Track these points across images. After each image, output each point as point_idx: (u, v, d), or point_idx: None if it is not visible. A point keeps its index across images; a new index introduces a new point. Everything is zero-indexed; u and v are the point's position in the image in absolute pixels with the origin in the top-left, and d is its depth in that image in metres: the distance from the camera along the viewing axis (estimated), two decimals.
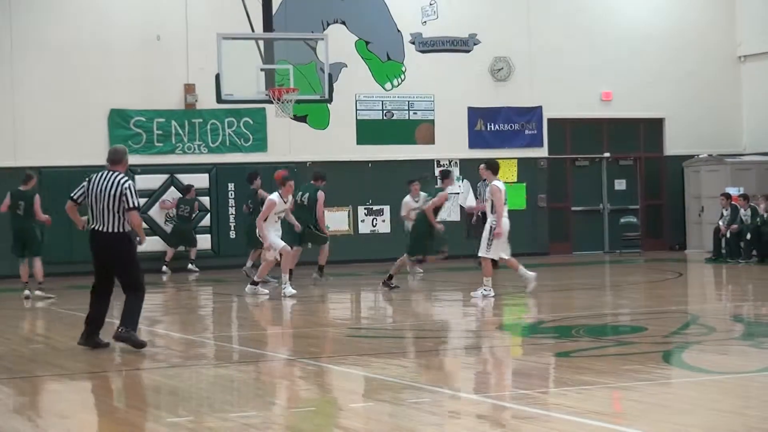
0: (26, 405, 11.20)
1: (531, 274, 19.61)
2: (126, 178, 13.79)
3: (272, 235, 21.43)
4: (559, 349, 13.65)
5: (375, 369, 12.48)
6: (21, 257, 22.63)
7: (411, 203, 24.45)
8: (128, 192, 13.53)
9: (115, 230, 13.76)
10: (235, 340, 16.22)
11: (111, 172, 13.88)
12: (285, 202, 21.44)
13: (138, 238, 14.73)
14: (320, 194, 23.25)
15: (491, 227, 19.22)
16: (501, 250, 19.82)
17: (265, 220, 21.05)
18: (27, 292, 22.20)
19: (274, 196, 21.05)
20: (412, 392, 10.82)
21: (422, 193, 24.47)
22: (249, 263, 25.04)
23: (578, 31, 30.60)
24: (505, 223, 19.71)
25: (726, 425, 9.05)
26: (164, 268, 26.92)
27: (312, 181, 23.55)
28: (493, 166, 20.16)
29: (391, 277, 22.38)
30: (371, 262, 28.29)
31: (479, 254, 20.01)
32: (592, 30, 31.00)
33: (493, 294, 19.34)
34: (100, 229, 13.78)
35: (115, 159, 14.12)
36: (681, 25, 31.79)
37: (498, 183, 20.01)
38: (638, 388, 10.76)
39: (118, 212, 13.67)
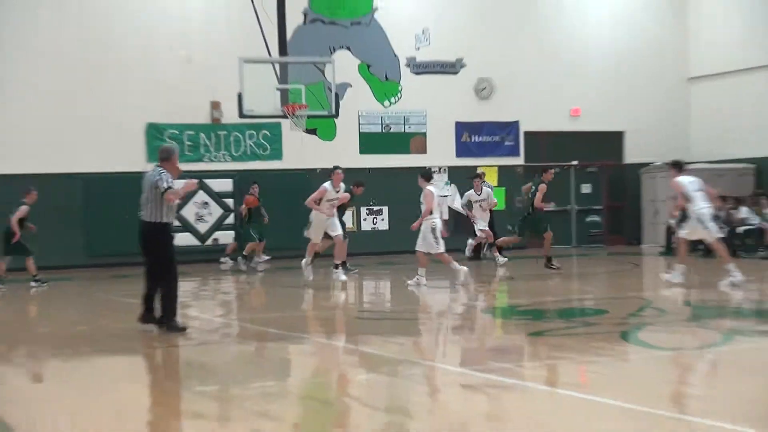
0: (74, 377, 11.42)
1: (462, 268, 19.57)
2: (162, 170, 13.41)
3: (334, 220, 21.15)
4: (533, 329, 13.92)
5: (375, 346, 12.64)
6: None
7: (474, 196, 24.16)
8: (159, 179, 13.13)
9: (152, 219, 13.41)
10: (254, 323, 16.23)
11: (155, 168, 13.70)
12: (336, 192, 21.09)
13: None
14: (346, 195, 22.44)
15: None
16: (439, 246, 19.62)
17: (318, 203, 20.64)
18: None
19: (326, 184, 20.92)
20: (407, 366, 11.04)
21: (486, 188, 24.65)
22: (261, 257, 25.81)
23: (551, 56, 30.68)
24: (437, 222, 19.72)
25: (674, 393, 9.34)
26: (223, 259, 27.24)
27: (351, 187, 23.09)
28: (425, 175, 20.18)
29: (550, 259, 21.87)
30: (372, 254, 28.37)
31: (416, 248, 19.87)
32: (562, 55, 31.08)
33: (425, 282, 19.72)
34: (142, 217, 13.53)
35: (161, 156, 13.97)
36: (639, 51, 31.88)
37: (430, 188, 20.03)
38: (601, 362, 11.03)
39: (154, 201, 13.30)
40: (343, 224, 22.47)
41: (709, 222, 17.53)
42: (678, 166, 18.08)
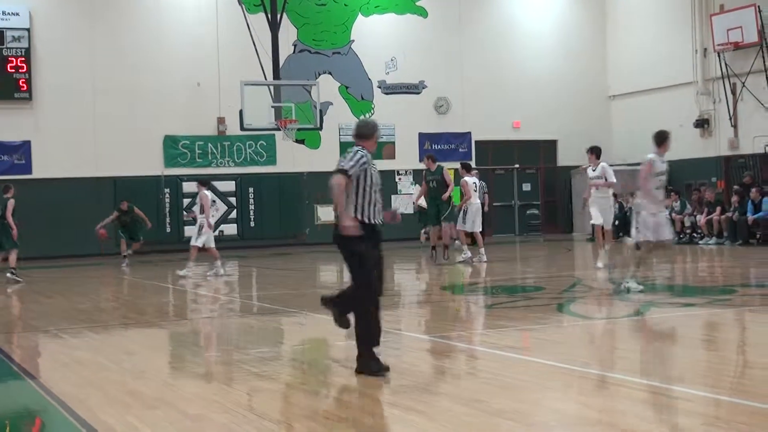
0: (103, 345, 11.38)
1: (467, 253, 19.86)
2: (359, 149, 8.35)
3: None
4: (484, 303, 13.85)
5: (390, 318, 12.58)
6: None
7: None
8: (345, 157, 8.24)
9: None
10: (255, 300, 16.12)
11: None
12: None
13: None
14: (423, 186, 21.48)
15: None
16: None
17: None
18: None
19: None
20: (399, 329, 11.09)
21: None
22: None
23: (497, 79, 30.76)
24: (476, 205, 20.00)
25: (600, 354, 9.31)
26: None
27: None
28: (465, 167, 20.66)
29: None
30: None
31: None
32: (506, 78, 31.16)
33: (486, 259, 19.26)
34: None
35: (359, 133, 8.76)
36: (568, 75, 31.94)
37: (467, 178, 20.35)
38: (540, 330, 11.01)
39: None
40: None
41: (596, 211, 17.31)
42: (597, 152, 17.68)
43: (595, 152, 17.36)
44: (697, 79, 29.43)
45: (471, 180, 20.31)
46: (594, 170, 17.17)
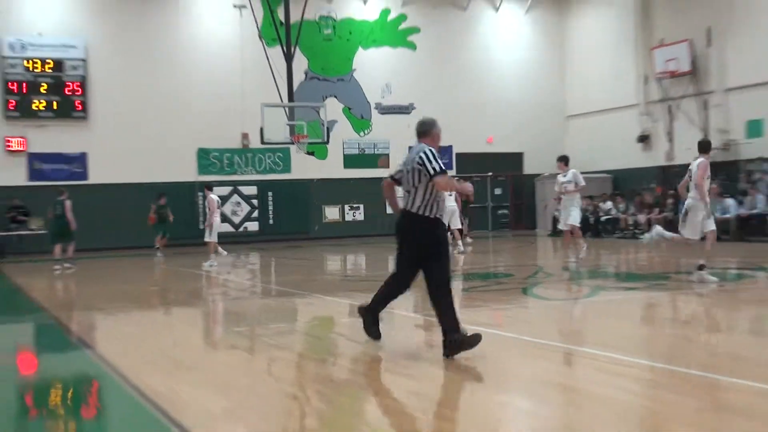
0: (146, 320, 11.44)
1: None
2: (423, 146, 7.40)
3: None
4: (462, 287, 13.84)
5: (355, 299, 12.54)
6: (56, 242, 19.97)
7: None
8: (425, 157, 7.16)
9: (416, 211, 7.27)
10: (273, 285, 16.10)
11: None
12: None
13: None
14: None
15: None
16: None
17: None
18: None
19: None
20: (391, 309, 11.08)
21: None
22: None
23: (474, 102, 30.64)
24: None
25: (561, 329, 9.33)
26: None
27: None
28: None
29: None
30: (353, 237, 28.33)
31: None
32: (482, 100, 31.05)
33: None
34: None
35: (421, 130, 7.89)
36: (533, 98, 31.91)
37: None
38: (509, 309, 11.07)
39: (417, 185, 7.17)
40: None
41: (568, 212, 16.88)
42: (565, 160, 17.29)
43: (564, 160, 17.17)
44: (639, 101, 29.44)
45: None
46: (564, 176, 16.85)
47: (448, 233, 20.41)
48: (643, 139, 29.32)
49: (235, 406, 5.97)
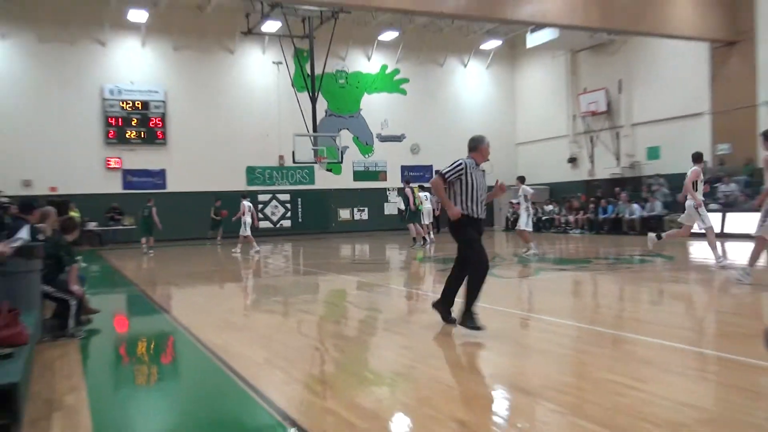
0: (206, 292, 11.39)
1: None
2: (462, 159, 7.07)
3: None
4: (438, 268, 13.79)
5: (362, 277, 12.54)
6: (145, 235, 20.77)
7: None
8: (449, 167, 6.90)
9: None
10: (301, 266, 16.02)
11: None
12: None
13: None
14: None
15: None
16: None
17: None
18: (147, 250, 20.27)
19: None
20: (375, 287, 11.04)
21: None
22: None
23: (448, 131, 30.41)
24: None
25: (515, 300, 9.34)
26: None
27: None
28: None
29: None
30: (360, 231, 28.32)
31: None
32: (454, 130, 30.73)
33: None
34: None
35: (471, 146, 7.43)
36: (491, 127, 31.36)
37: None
38: None
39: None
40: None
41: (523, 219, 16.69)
42: (522, 179, 16.94)
43: (520, 179, 17.06)
44: (569, 133, 29.46)
45: (423, 194, 20.20)
46: (518, 191, 16.77)
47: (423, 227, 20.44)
48: (572, 160, 29.37)
49: (273, 356, 5.97)
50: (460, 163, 7.02)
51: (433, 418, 4.09)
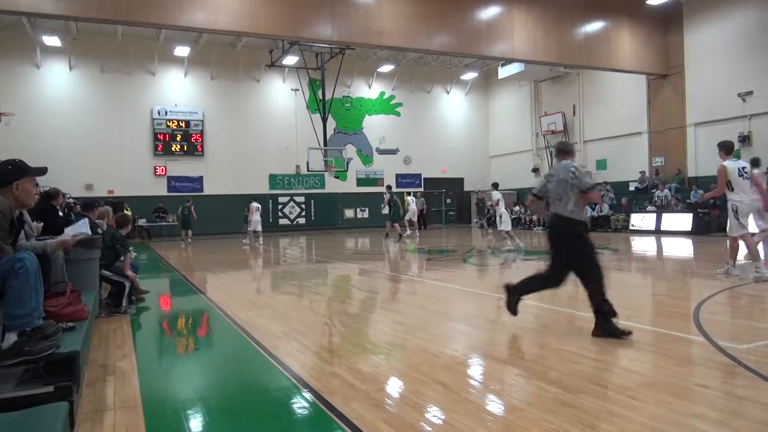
0: (231, 275, 11.18)
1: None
2: (571, 163, 5.46)
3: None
4: (426, 258, 13.75)
5: (363, 264, 12.47)
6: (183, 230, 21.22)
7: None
8: (576, 172, 5.28)
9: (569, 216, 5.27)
10: (314, 256, 15.98)
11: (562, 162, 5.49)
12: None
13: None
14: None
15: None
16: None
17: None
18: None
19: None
20: (372, 273, 11.00)
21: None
22: None
23: (434, 146, 30.59)
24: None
25: (488, 283, 9.29)
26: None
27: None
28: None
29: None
30: (362, 228, 28.21)
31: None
32: (439, 145, 31.01)
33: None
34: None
35: (564, 150, 5.72)
36: (469, 143, 31.83)
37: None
38: (454, 271, 10.99)
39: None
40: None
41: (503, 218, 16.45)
42: (495, 186, 16.53)
43: (494, 185, 16.98)
44: (533, 148, 29.44)
45: (410, 197, 20.16)
46: (492, 196, 16.67)
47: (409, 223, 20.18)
48: (535, 170, 29.29)
49: (290, 330, 5.92)
50: (578, 168, 5.37)
51: (422, 381, 4.06)
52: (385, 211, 20.62)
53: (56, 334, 3.28)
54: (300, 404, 3.71)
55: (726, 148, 8.53)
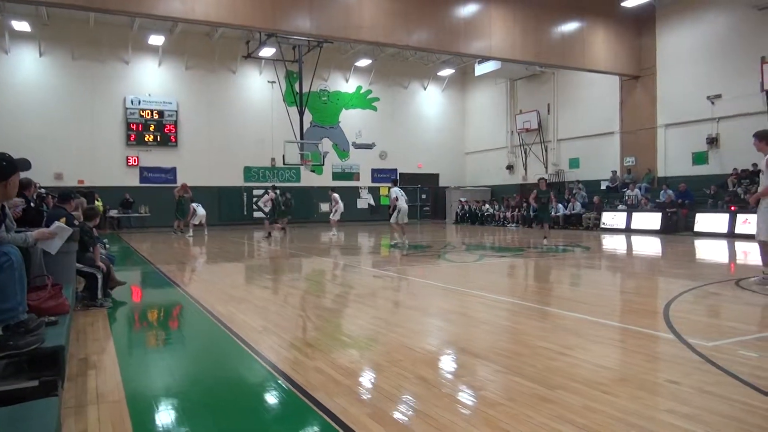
0: (216, 269, 11.14)
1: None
2: None
3: None
4: (400, 254, 13.81)
5: (338, 259, 12.49)
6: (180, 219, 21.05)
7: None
8: None
9: None
10: (304, 249, 15.91)
11: None
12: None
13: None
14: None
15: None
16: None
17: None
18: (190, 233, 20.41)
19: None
20: (351, 268, 11.03)
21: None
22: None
23: (410, 141, 30.75)
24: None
25: (462, 280, 9.38)
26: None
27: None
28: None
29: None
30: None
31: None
32: (415, 140, 31.14)
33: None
34: None
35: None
36: (445, 139, 32.05)
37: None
38: (430, 267, 11.07)
39: None
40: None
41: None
42: (395, 182, 16.75)
43: (393, 182, 16.62)
44: (507, 145, 29.76)
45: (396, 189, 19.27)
46: (391, 193, 16.45)
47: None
48: (510, 167, 29.66)
49: (268, 324, 5.93)
50: None
51: (401, 375, 4.13)
52: (371, 202, 20.59)
53: (39, 328, 3.27)
54: (284, 399, 3.75)
55: (767, 138, 7.03)
